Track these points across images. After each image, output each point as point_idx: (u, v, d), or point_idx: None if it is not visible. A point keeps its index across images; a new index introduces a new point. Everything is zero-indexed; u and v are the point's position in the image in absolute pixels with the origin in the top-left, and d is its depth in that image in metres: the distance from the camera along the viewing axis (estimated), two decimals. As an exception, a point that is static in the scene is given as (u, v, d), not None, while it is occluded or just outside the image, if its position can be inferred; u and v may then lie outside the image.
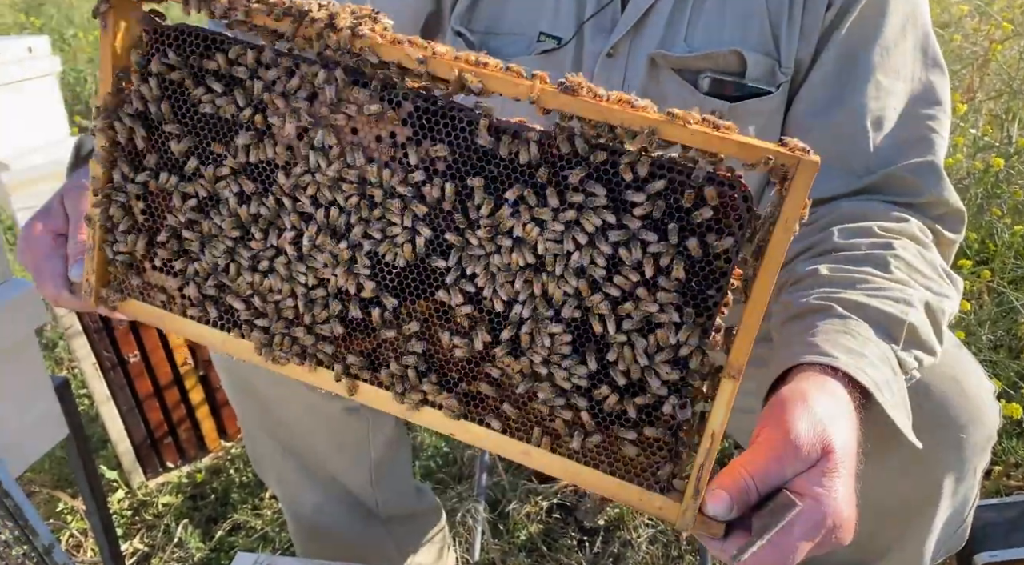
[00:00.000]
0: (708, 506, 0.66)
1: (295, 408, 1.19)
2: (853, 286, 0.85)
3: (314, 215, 0.76)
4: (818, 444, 0.66)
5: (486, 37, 1.09)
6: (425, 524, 1.42)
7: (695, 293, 0.68)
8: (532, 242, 0.70)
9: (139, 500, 1.81)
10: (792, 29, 0.98)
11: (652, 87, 1.03)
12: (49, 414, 1.17)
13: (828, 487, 0.66)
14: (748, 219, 0.65)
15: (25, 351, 1.12)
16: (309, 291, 0.79)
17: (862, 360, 0.76)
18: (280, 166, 0.77)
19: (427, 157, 0.72)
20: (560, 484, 1.80)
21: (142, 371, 1.77)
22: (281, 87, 0.74)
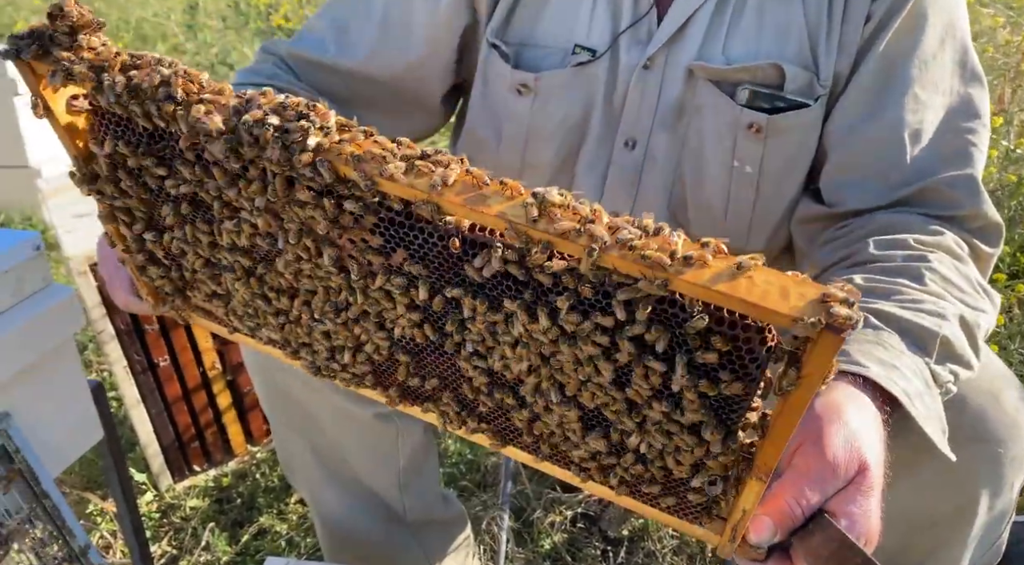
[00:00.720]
0: (752, 536, 0.66)
1: (326, 412, 1.20)
2: (887, 297, 0.84)
3: (311, 293, 0.77)
4: (854, 463, 0.67)
5: (521, 49, 1.10)
6: (451, 531, 1.43)
7: (714, 409, 0.64)
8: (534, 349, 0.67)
9: (167, 503, 1.83)
10: (831, 42, 0.98)
11: (688, 98, 1.04)
12: (86, 416, 1.19)
13: (863, 507, 0.66)
14: (765, 359, 0.59)
15: (64, 355, 1.14)
16: (332, 340, 0.80)
17: (894, 371, 0.76)
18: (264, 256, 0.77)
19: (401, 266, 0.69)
20: (584, 494, 1.79)
21: (171, 375, 1.79)
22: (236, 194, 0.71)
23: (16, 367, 1.03)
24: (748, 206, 1.07)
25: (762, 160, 1.03)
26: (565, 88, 1.08)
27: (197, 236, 0.78)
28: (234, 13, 6.73)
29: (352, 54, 1.15)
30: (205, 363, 1.83)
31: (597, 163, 1.10)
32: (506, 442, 0.78)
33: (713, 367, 0.59)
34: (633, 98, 1.06)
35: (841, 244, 0.99)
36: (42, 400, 1.10)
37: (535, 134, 1.11)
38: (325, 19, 1.18)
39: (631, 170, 1.09)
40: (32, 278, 1.08)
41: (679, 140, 1.06)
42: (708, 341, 0.58)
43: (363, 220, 0.67)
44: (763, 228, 1.10)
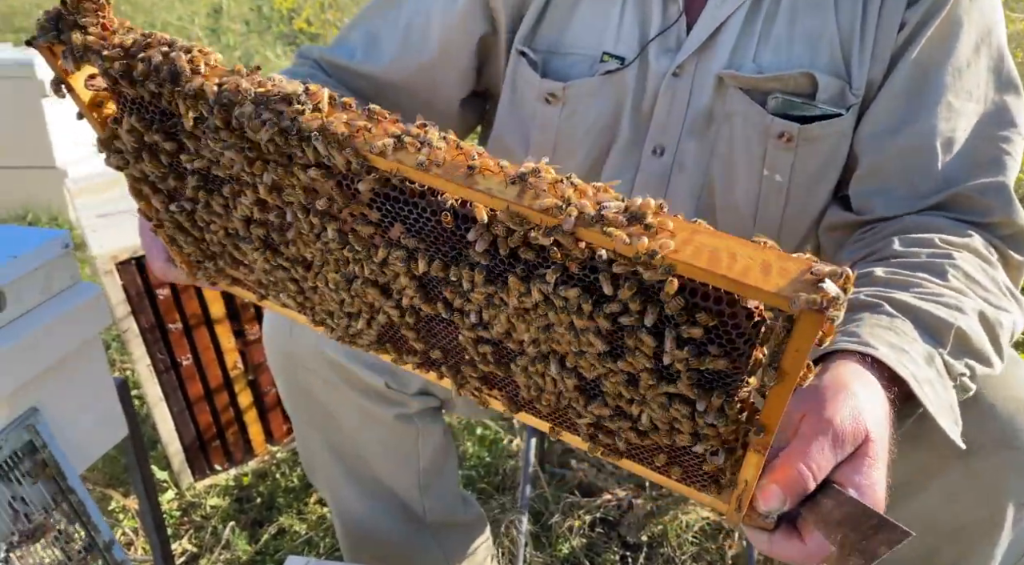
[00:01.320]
0: (761, 504, 0.65)
1: (348, 412, 1.20)
2: (906, 289, 0.84)
3: (322, 264, 0.79)
4: (861, 433, 0.66)
5: (549, 56, 1.10)
6: (471, 533, 1.43)
7: (708, 380, 0.63)
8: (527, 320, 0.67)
9: (187, 501, 1.84)
10: (864, 51, 0.97)
11: (719, 106, 1.03)
12: (111, 414, 1.20)
13: (871, 478, 0.66)
14: (754, 334, 0.59)
15: (90, 352, 1.15)
16: (346, 308, 0.82)
17: (903, 355, 0.76)
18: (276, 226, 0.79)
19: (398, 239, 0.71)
20: (604, 499, 1.79)
21: (193, 374, 1.81)
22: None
23: (44, 364, 1.05)
24: (777, 214, 1.06)
25: (792, 169, 1.02)
26: (593, 96, 1.08)
27: (214, 209, 0.81)
28: (257, 17, 6.80)
29: (377, 60, 1.18)
30: (227, 363, 1.85)
31: (625, 170, 1.10)
32: (519, 408, 0.79)
33: (701, 341, 0.59)
34: (662, 105, 1.06)
35: (866, 243, 0.98)
36: (69, 397, 1.11)
37: (563, 142, 1.11)
38: (359, 29, 1.22)
39: (659, 177, 1.09)
40: (61, 276, 1.10)
41: (708, 148, 1.06)
42: (694, 316, 0.58)
43: (360, 195, 0.69)
44: (792, 236, 1.09)
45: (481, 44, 1.16)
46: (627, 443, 0.72)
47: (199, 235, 0.87)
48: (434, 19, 1.15)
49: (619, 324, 0.61)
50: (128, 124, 0.78)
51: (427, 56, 1.16)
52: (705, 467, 0.69)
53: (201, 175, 0.79)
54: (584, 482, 1.86)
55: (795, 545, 0.66)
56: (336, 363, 1.15)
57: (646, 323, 0.60)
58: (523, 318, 0.67)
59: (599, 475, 1.88)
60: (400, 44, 1.17)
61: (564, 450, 1.98)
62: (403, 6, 1.19)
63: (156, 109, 0.77)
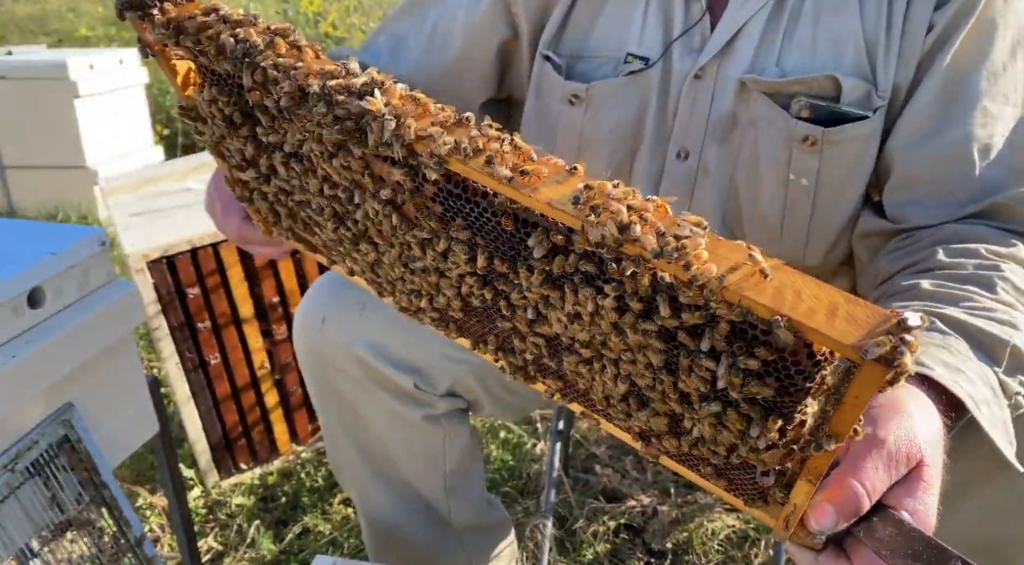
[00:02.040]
0: (812, 523, 0.63)
1: (376, 413, 1.20)
2: (956, 303, 0.82)
3: (386, 244, 0.80)
4: (915, 455, 0.64)
5: (573, 61, 1.10)
6: (496, 537, 1.42)
7: (763, 408, 0.62)
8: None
9: (213, 499, 1.86)
10: (889, 52, 0.96)
11: (742, 109, 1.02)
12: (143, 410, 1.21)
13: (925, 504, 0.64)
14: (813, 373, 0.56)
15: (124, 349, 1.16)
16: (408, 285, 0.83)
17: (959, 375, 0.73)
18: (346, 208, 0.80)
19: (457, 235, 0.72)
20: (629, 505, 1.78)
21: (221, 373, 1.82)
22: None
23: (80, 359, 1.06)
24: (805, 219, 1.05)
25: (818, 173, 1.01)
26: (616, 97, 1.07)
27: (289, 180, 0.83)
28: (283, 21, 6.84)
29: (402, 64, 1.19)
30: (254, 362, 1.86)
31: (650, 174, 1.09)
32: (570, 399, 0.79)
33: (759, 372, 0.57)
34: (684, 108, 1.05)
35: (907, 252, 0.96)
36: (103, 393, 1.12)
37: (587, 144, 1.11)
38: (385, 33, 1.23)
39: (684, 181, 1.08)
40: (97, 273, 1.11)
41: (732, 152, 1.05)
42: (752, 349, 0.56)
43: (424, 188, 0.69)
44: (821, 241, 1.07)
45: (502, 49, 1.17)
46: (677, 449, 0.71)
47: (275, 199, 0.89)
48: (457, 23, 1.16)
49: (675, 343, 0.60)
50: (208, 94, 0.80)
51: (448, 59, 1.17)
52: (755, 484, 0.68)
53: (276, 148, 0.81)
54: (608, 488, 1.85)
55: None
56: (365, 362, 1.15)
57: (702, 348, 0.58)
58: (578, 322, 0.67)
59: (623, 481, 1.87)
60: (424, 48, 1.18)
61: (588, 455, 1.97)
62: (428, 11, 1.20)
63: (235, 82, 0.79)
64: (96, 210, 3.62)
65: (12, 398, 0.96)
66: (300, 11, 6.88)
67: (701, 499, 1.79)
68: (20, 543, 0.99)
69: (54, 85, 3.46)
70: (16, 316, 0.99)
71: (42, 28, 6.69)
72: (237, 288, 1.77)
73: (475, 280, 0.73)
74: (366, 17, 6.93)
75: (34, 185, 3.65)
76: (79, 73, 3.46)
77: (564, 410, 1.70)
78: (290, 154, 0.81)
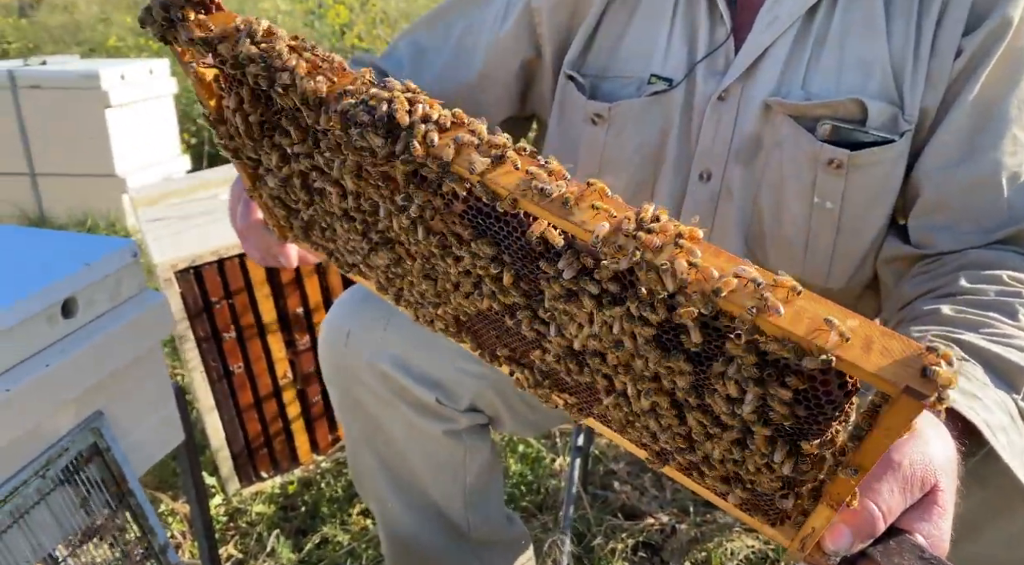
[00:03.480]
0: (828, 544, 0.63)
1: (398, 427, 1.21)
2: (975, 329, 0.82)
3: (409, 256, 0.81)
4: (930, 480, 0.64)
5: (597, 80, 1.11)
6: (514, 552, 1.43)
7: (789, 434, 0.61)
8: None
9: (234, 507, 1.87)
10: (917, 76, 0.96)
11: (766, 131, 1.02)
12: (170, 419, 1.23)
13: (940, 528, 0.64)
14: (843, 402, 0.57)
15: (153, 358, 1.19)
16: (425, 294, 0.84)
17: (975, 401, 0.73)
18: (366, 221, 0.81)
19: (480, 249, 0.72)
20: (647, 523, 1.77)
21: (245, 382, 1.84)
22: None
23: (110, 368, 1.08)
24: (829, 242, 1.04)
25: (843, 196, 1.01)
26: (639, 117, 1.08)
27: (310, 192, 0.84)
28: (310, 32, 6.94)
29: (424, 75, 1.20)
30: (277, 372, 1.88)
31: (672, 195, 1.10)
32: (586, 415, 0.79)
33: (789, 400, 0.57)
34: (707, 130, 1.05)
35: (930, 277, 0.96)
36: (131, 402, 1.15)
37: (609, 164, 1.12)
38: (407, 41, 1.24)
39: (706, 203, 1.08)
40: (128, 284, 1.13)
41: (756, 174, 1.05)
42: (784, 378, 0.56)
43: (453, 206, 0.70)
44: (845, 265, 1.07)
45: (525, 67, 1.18)
46: (695, 471, 0.71)
47: (294, 207, 0.91)
48: (481, 40, 1.17)
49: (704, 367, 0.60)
50: (233, 102, 0.81)
51: (471, 76, 1.18)
52: (773, 505, 0.68)
53: (301, 157, 0.82)
54: (627, 505, 1.84)
55: None
56: (388, 376, 1.16)
57: (730, 373, 0.58)
58: (600, 340, 0.67)
59: (642, 498, 1.86)
60: (447, 62, 1.19)
61: (606, 472, 1.97)
62: (453, 24, 1.21)
63: (263, 93, 0.80)
64: (124, 218, 3.68)
65: (45, 405, 0.98)
66: (326, 23, 6.96)
67: (720, 519, 1.78)
68: (49, 548, 1.01)
69: (86, 94, 3.53)
70: (50, 325, 1.01)
71: (74, 38, 6.82)
72: (262, 299, 1.80)
73: (500, 300, 0.74)
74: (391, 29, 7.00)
75: (64, 192, 3.72)
76: (111, 83, 3.52)
77: (584, 426, 1.70)
78: (314, 166, 0.81)
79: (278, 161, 0.84)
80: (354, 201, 0.80)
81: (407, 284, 0.85)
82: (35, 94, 3.59)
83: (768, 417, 0.59)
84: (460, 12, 1.21)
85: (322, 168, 0.80)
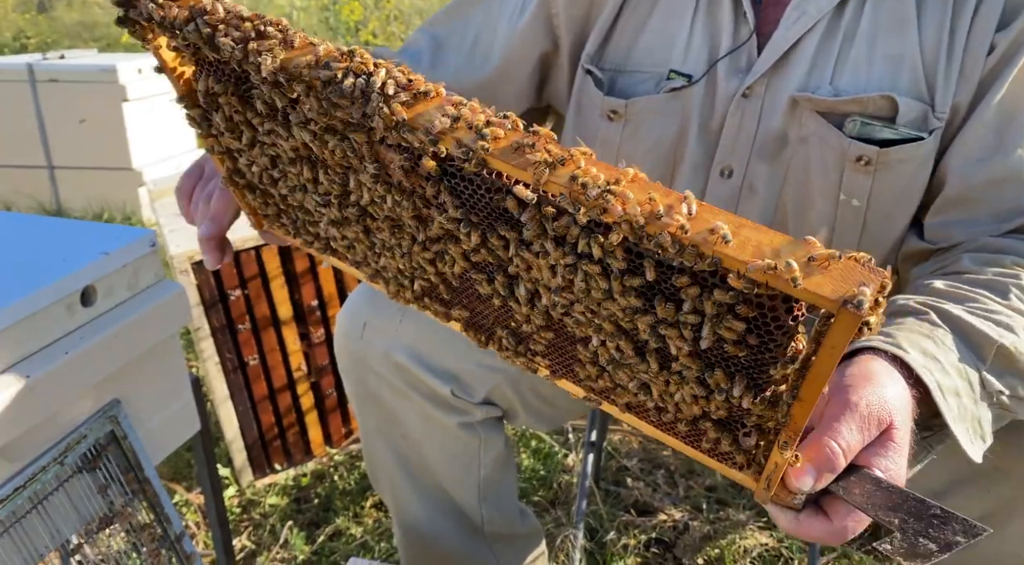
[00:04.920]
0: (792, 481, 0.66)
1: (413, 419, 1.22)
2: (960, 302, 0.83)
3: (379, 227, 0.82)
4: (885, 418, 0.67)
5: (615, 75, 1.11)
6: (527, 546, 1.43)
7: (745, 367, 0.64)
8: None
9: (247, 498, 1.88)
10: (950, 73, 0.95)
11: (792, 128, 1.01)
12: (186, 409, 1.24)
13: (897, 463, 0.67)
14: (792, 328, 0.60)
15: (170, 348, 1.19)
16: (399, 266, 0.85)
17: (933, 363, 0.75)
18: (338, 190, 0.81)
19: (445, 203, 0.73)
20: (658, 518, 1.77)
21: (259, 374, 1.85)
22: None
23: (128, 357, 1.09)
24: (854, 239, 1.04)
25: (870, 193, 1.00)
26: (656, 114, 1.07)
27: (282, 170, 0.85)
28: (325, 28, 6.97)
29: (442, 71, 1.20)
30: (291, 364, 1.89)
31: (692, 191, 1.09)
32: (560, 375, 0.81)
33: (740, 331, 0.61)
34: (730, 127, 1.04)
35: (939, 260, 0.97)
36: (148, 390, 1.15)
37: (625, 160, 1.11)
38: (427, 35, 1.24)
39: (727, 200, 1.07)
40: (146, 273, 1.14)
41: (781, 171, 1.04)
42: (734, 308, 0.60)
43: (419, 168, 0.71)
44: None
45: (542, 61, 1.18)
46: (657, 419, 0.74)
47: (263, 192, 0.91)
48: (499, 34, 1.17)
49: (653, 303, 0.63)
50: (203, 85, 0.81)
51: (489, 70, 1.18)
52: (736, 445, 0.70)
53: (273, 136, 0.82)
54: (639, 501, 1.84)
55: (821, 524, 0.67)
56: (404, 368, 1.16)
57: (685, 308, 0.62)
58: (567, 291, 0.69)
59: (654, 495, 1.86)
60: (465, 57, 1.20)
61: (619, 467, 1.96)
62: (472, 17, 1.21)
63: (232, 72, 0.80)
64: (140, 211, 3.70)
65: (64, 392, 0.99)
66: (341, 19, 6.98)
67: (733, 516, 1.77)
68: (67, 535, 1.02)
69: (104, 88, 3.55)
70: (70, 314, 1.02)
71: (91, 34, 6.87)
72: (277, 291, 1.80)
73: (467, 261, 0.76)
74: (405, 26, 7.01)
75: (81, 185, 3.75)
76: (128, 77, 3.54)
77: (597, 421, 1.69)
78: (280, 142, 0.81)
79: (248, 143, 0.84)
80: (326, 177, 0.80)
81: (380, 258, 0.86)
82: (53, 88, 3.62)
83: (724, 352, 0.62)
84: (479, 5, 1.21)
85: (287, 142, 0.80)
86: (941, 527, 0.61)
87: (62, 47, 6.48)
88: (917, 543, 0.60)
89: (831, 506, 0.67)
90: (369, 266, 0.89)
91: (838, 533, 0.67)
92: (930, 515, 0.61)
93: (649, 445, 2.04)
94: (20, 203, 3.79)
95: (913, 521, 0.61)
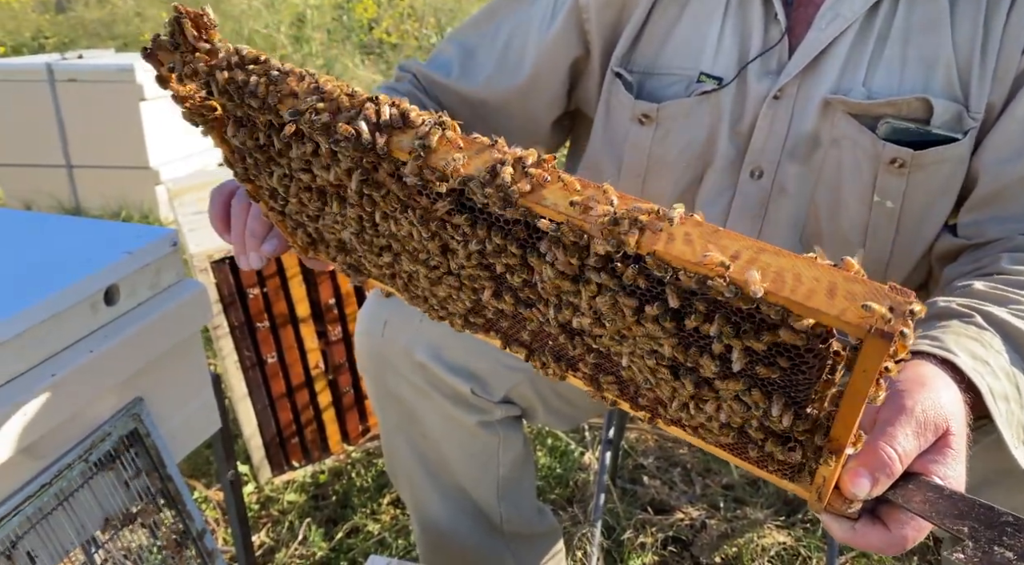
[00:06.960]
0: (848, 486, 0.63)
1: (433, 417, 1.22)
2: (1003, 304, 0.82)
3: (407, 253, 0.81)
4: (942, 423, 0.65)
5: (644, 78, 1.10)
6: (545, 545, 1.43)
7: (783, 388, 0.63)
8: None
9: (265, 495, 1.89)
10: (984, 73, 0.94)
11: (825, 129, 1.01)
12: (207, 407, 1.25)
13: (955, 470, 0.65)
14: (823, 351, 0.59)
15: (192, 346, 1.20)
16: (434, 290, 0.84)
17: (983, 366, 0.74)
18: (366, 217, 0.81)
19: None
20: (675, 517, 1.76)
21: (277, 372, 1.86)
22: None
23: (150, 356, 1.09)
24: (888, 241, 1.03)
25: (905, 195, 0.99)
26: (687, 117, 1.07)
27: (309, 205, 0.85)
28: (338, 26, 6.98)
29: (472, 78, 1.19)
30: (309, 362, 1.90)
31: (721, 192, 1.08)
32: (599, 389, 0.80)
33: (769, 355, 0.59)
34: (761, 129, 1.03)
35: (975, 258, 0.96)
36: (170, 388, 1.16)
37: (655, 164, 1.11)
38: (455, 43, 1.24)
39: (756, 200, 1.07)
40: (168, 272, 1.15)
41: (813, 173, 1.03)
42: (760, 333, 0.58)
43: (440, 203, 0.71)
44: (903, 264, 1.06)
45: (573, 66, 1.17)
46: (704, 433, 0.73)
47: (303, 221, 0.91)
48: (531, 41, 1.16)
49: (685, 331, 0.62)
50: (231, 133, 0.83)
51: (521, 79, 1.17)
52: (782, 458, 0.69)
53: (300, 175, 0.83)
54: (656, 499, 1.83)
55: (880, 533, 0.65)
56: (425, 367, 1.17)
57: (711, 333, 0.60)
58: (600, 320, 0.68)
59: (671, 493, 1.85)
60: (496, 64, 1.18)
61: (636, 466, 1.96)
62: (501, 25, 1.20)
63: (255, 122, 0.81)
64: (157, 209, 3.73)
65: (88, 390, 1.00)
66: (355, 18, 6.99)
67: (751, 514, 1.76)
68: (92, 531, 1.03)
69: (121, 88, 3.57)
70: (94, 312, 1.02)
71: (109, 33, 6.91)
72: (295, 289, 1.81)
73: (496, 289, 0.75)
74: (419, 23, 7.01)
75: (99, 184, 3.78)
76: (146, 76, 3.57)
77: (614, 419, 1.69)
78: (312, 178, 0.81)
79: (280, 180, 0.85)
80: (355, 212, 0.80)
81: (416, 284, 0.86)
82: (72, 87, 3.65)
83: (755, 372, 0.60)
84: (508, 13, 1.20)
85: (319, 176, 0.80)
86: (1016, 535, 0.58)
87: (80, 46, 6.53)
88: (992, 552, 0.57)
89: (889, 515, 0.65)
90: (426, 302, 0.90)
91: (897, 542, 0.64)
92: (1002, 522, 0.58)
93: (666, 443, 2.04)
94: (40, 202, 3.82)
95: (984, 529, 0.58)
